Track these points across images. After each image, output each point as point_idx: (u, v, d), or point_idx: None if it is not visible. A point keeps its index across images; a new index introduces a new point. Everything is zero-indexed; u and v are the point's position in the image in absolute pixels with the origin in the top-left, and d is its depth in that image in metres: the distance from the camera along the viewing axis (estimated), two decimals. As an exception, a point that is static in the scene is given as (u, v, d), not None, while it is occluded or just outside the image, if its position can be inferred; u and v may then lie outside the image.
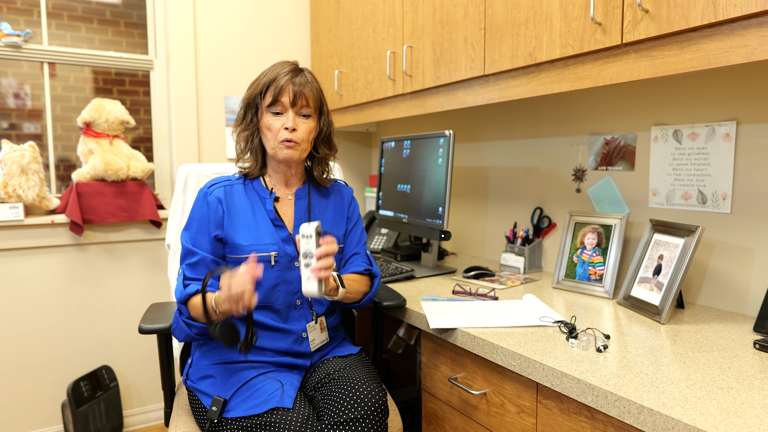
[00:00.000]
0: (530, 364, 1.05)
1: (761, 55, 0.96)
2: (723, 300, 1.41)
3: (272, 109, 1.26)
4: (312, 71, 1.33)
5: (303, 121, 1.28)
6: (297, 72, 1.28)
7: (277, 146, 1.27)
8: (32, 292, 2.12)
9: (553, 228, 1.89)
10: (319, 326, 1.34)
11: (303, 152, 1.30)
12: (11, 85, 2.15)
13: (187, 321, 1.22)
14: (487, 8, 1.55)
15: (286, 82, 1.25)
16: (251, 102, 1.29)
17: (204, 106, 2.44)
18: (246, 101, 1.30)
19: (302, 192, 1.37)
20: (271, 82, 1.26)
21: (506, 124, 2.05)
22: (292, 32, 2.63)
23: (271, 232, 1.28)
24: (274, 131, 1.26)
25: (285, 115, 1.26)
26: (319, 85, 1.33)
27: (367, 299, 1.36)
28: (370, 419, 1.12)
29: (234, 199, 1.29)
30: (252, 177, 1.34)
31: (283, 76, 1.26)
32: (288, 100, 1.25)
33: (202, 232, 1.26)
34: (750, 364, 1.01)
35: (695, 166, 1.44)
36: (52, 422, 2.18)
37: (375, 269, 1.41)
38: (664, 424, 0.81)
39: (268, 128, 1.27)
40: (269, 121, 1.26)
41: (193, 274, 1.24)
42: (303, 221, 1.33)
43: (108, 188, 2.14)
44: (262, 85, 1.27)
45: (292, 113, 1.26)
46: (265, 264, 1.25)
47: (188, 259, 1.25)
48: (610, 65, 1.23)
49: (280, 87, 1.25)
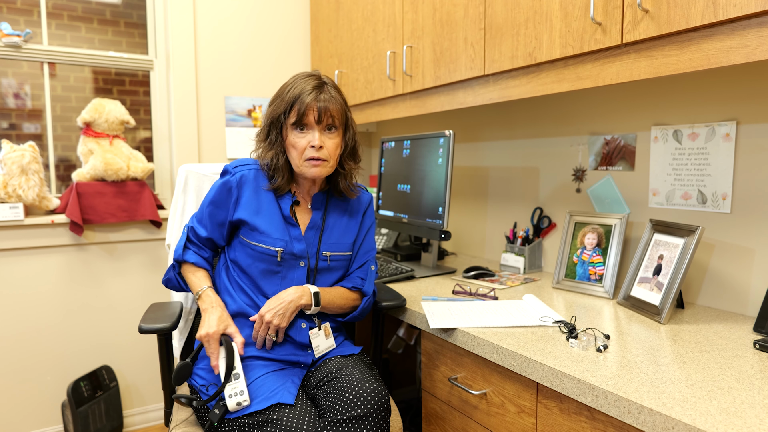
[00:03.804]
0: (530, 364, 1.05)
1: (761, 55, 0.96)
2: (723, 300, 1.41)
3: (297, 127, 1.25)
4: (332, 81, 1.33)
5: (329, 138, 1.26)
6: (321, 87, 1.25)
7: (303, 164, 1.26)
8: (32, 292, 2.12)
9: (553, 228, 1.89)
10: (324, 333, 1.34)
11: (331, 168, 1.29)
12: (11, 85, 2.15)
13: (177, 277, 1.36)
14: (487, 8, 1.55)
15: (311, 99, 1.22)
16: (275, 120, 1.27)
17: (204, 106, 2.44)
18: (269, 119, 1.28)
19: (319, 199, 1.36)
20: (295, 99, 1.23)
21: (506, 124, 2.05)
22: (292, 32, 2.63)
23: (281, 228, 1.29)
24: (299, 149, 1.25)
25: (310, 133, 1.24)
26: (344, 98, 1.31)
27: (351, 317, 1.38)
28: (373, 417, 1.12)
29: (256, 187, 1.31)
30: (281, 193, 1.32)
31: (307, 94, 1.23)
32: (314, 118, 1.23)
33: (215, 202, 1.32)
34: (750, 364, 1.01)
35: (695, 166, 1.44)
36: (52, 422, 2.18)
37: (366, 288, 1.38)
38: (664, 424, 0.81)
39: (293, 146, 1.25)
40: (294, 140, 1.25)
41: (195, 239, 1.35)
42: (317, 226, 1.34)
43: (108, 188, 2.14)
44: (287, 103, 1.24)
45: (317, 131, 1.24)
46: (271, 260, 1.28)
47: (198, 220, 1.35)
48: (610, 65, 1.23)
49: (305, 105, 1.22)
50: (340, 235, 1.37)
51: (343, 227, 1.38)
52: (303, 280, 1.31)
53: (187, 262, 1.34)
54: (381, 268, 1.83)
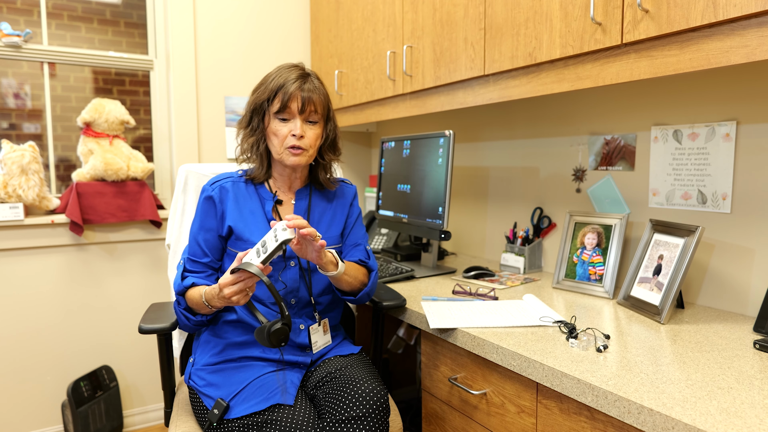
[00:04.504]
0: (530, 364, 1.05)
1: (761, 55, 0.96)
2: (723, 300, 1.41)
3: (280, 116, 1.26)
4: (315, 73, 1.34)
5: (310, 128, 1.28)
6: (305, 78, 1.27)
7: (284, 152, 1.27)
8: (32, 292, 2.12)
9: (553, 228, 1.89)
10: (323, 328, 1.34)
11: (310, 158, 1.31)
12: (11, 85, 2.15)
13: (185, 313, 1.26)
14: (487, 8, 1.55)
15: (295, 89, 1.24)
16: (258, 107, 1.28)
17: (204, 106, 2.44)
18: (252, 105, 1.29)
19: (303, 193, 1.37)
20: (279, 88, 1.25)
21: (506, 124, 2.05)
22: (292, 32, 2.63)
23: (266, 232, 1.28)
24: (281, 137, 1.26)
25: (292, 122, 1.26)
26: (326, 90, 1.33)
27: (364, 293, 1.35)
28: (372, 417, 1.12)
29: (235, 196, 1.30)
30: (257, 182, 1.34)
31: (291, 83, 1.24)
32: (296, 108, 1.25)
33: (203, 227, 1.29)
34: (750, 364, 1.01)
35: (695, 166, 1.44)
36: (52, 422, 2.18)
37: (372, 263, 1.40)
38: (664, 424, 0.81)
39: (274, 134, 1.27)
40: (276, 127, 1.26)
41: (193, 267, 1.29)
42: None
43: (108, 188, 2.14)
44: (270, 91, 1.26)
45: (299, 120, 1.25)
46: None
47: (191, 253, 1.30)
48: (610, 65, 1.23)
49: (289, 94, 1.24)
50: (327, 228, 1.38)
51: (329, 220, 1.39)
52: (296, 278, 1.31)
53: (188, 287, 1.25)
54: (381, 268, 1.83)
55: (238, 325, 1.29)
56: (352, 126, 2.63)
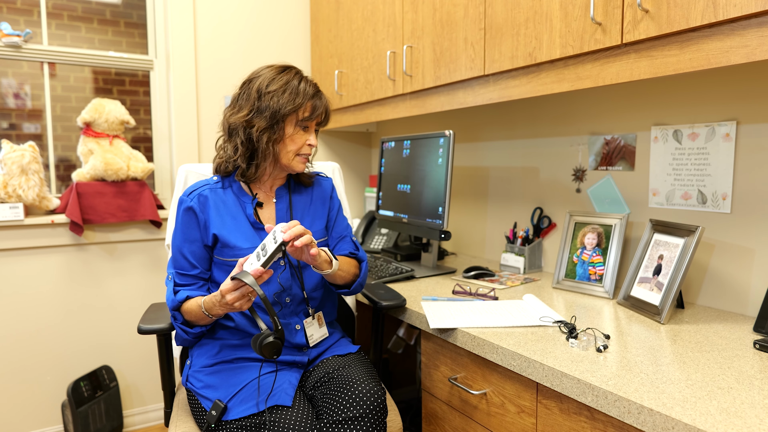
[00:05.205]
0: (530, 364, 1.05)
1: (761, 55, 0.96)
2: (723, 300, 1.41)
3: (304, 124, 1.30)
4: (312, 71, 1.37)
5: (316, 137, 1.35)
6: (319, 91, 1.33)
7: (295, 159, 1.31)
8: (32, 292, 2.12)
9: (553, 228, 1.89)
10: (317, 321, 1.34)
11: None
12: (11, 85, 2.15)
13: (183, 327, 1.25)
14: (487, 8, 1.55)
15: (320, 103, 1.30)
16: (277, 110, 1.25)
17: (204, 106, 2.44)
18: (275, 109, 1.25)
19: (282, 191, 1.38)
20: (309, 99, 1.28)
21: (506, 124, 2.05)
22: (292, 32, 2.63)
23: (251, 235, 1.29)
24: (298, 144, 1.30)
25: (308, 131, 1.31)
26: None
27: (358, 284, 1.37)
28: (369, 418, 1.12)
29: (215, 203, 1.29)
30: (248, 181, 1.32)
31: (316, 97, 1.30)
32: (317, 120, 1.32)
33: (188, 239, 1.27)
34: (750, 364, 1.01)
35: (695, 166, 1.44)
36: (52, 422, 2.18)
37: (361, 254, 1.42)
38: (664, 424, 0.81)
39: (292, 140, 1.29)
40: (296, 136, 1.29)
41: (183, 281, 1.28)
42: (285, 221, 1.34)
43: (108, 188, 2.14)
44: (302, 98, 1.27)
45: (312, 130, 1.32)
46: None
47: (178, 267, 1.28)
48: (610, 65, 1.23)
49: (315, 107, 1.29)
50: (311, 224, 1.39)
51: (312, 215, 1.40)
52: (288, 277, 1.31)
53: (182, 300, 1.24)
54: (381, 268, 1.83)
55: (234, 331, 1.29)
56: (351, 126, 2.63)
